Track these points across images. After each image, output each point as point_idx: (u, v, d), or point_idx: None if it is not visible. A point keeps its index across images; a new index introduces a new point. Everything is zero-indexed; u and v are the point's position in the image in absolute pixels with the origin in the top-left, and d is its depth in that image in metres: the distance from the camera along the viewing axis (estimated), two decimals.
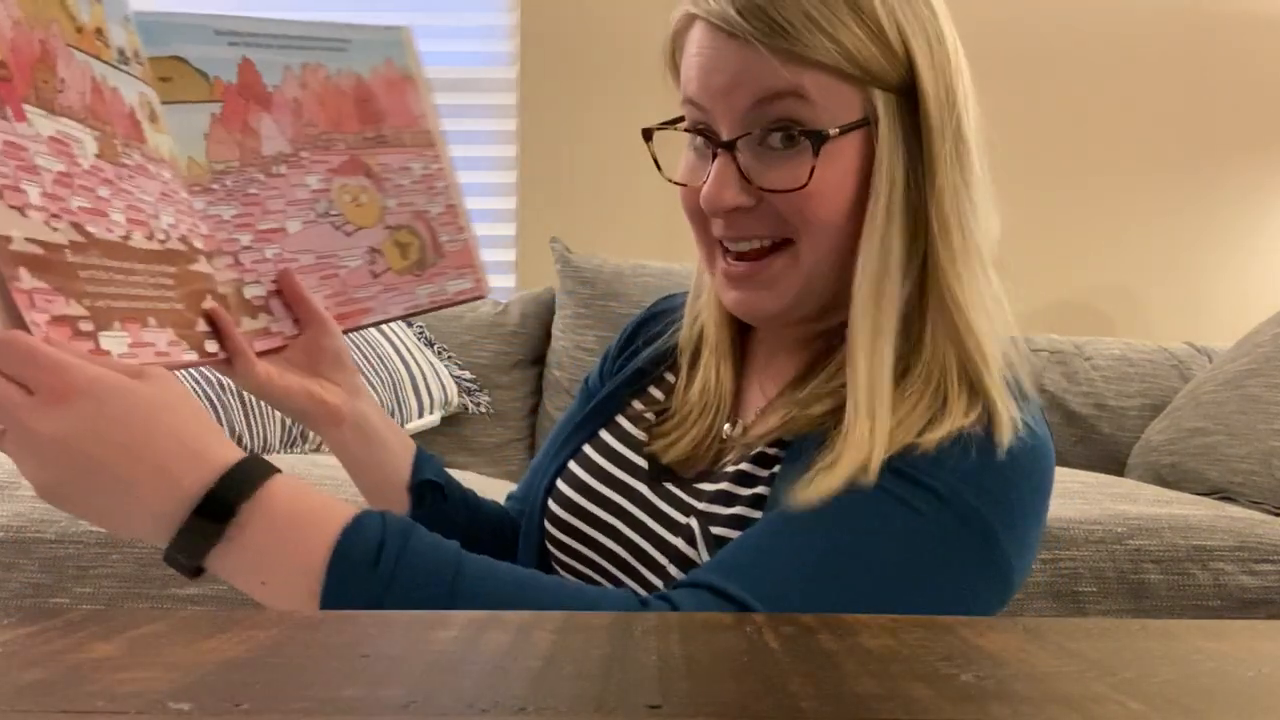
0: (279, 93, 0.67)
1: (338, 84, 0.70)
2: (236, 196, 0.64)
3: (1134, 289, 2.34)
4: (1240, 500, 1.38)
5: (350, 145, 0.70)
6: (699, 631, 0.36)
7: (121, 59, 0.57)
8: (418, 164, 0.73)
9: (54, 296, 0.47)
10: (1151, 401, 1.86)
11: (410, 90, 0.74)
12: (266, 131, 0.66)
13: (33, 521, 1.02)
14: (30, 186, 0.47)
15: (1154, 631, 0.37)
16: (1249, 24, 2.29)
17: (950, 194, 0.58)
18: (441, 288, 0.73)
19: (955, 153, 0.59)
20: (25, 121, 0.48)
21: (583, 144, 2.24)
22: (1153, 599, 1.07)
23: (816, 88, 0.56)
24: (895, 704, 0.28)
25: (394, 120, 0.73)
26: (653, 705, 0.27)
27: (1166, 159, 2.32)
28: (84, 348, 0.48)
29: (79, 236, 0.50)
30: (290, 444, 1.56)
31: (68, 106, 0.51)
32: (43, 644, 0.33)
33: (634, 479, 0.69)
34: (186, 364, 0.57)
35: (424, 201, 0.73)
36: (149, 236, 0.55)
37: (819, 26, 0.55)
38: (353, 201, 0.69)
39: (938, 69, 0.58)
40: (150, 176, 0.57)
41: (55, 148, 0.50)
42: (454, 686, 0.29)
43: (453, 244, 0.74)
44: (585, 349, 1.86)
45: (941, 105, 0.58)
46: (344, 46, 0.71)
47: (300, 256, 0.67)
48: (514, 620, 0.37)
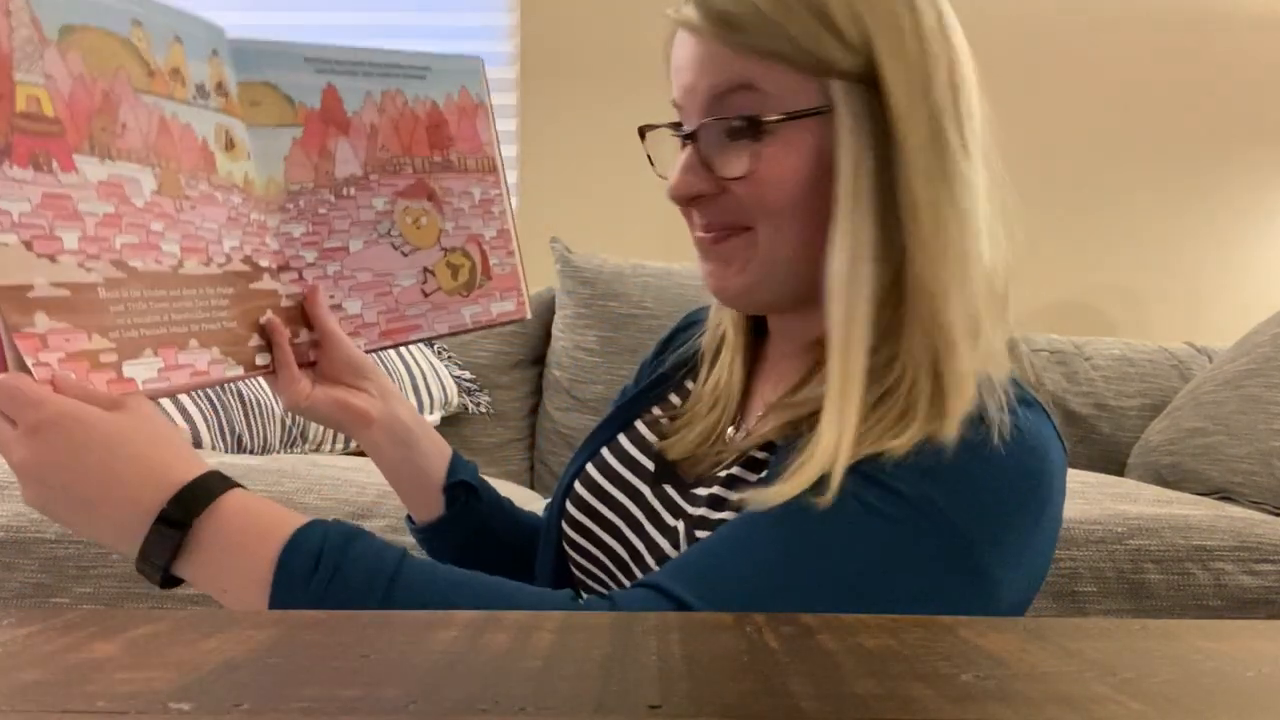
0: (357, 118, 0.72)
1: (413, 110, 0.74)
2: (307, 216, 0.69)
3: (1134, 289, 2.34)
4: (1240, 500, 1.38)
5: (418, 169, 0.75)
6: (699, 631, 0.36)
7: (200, 93, 0.62)
8: (478, 189, 0.78)
9: (74, 334, 0.52)
10: (1151, 401, 1.86)
11: (481, 118, 0.79)
12: (341, 155, 0.71)
13: (33, 521, 1.02)
14: (68, 233, 0.52)
15: (1154, 631, 0.37)
16: (1249, 24, 2.29)
17: (923, 181, 0.57)
18: (486, 308, 0.78)
19: (930, 141, 0.58)
20: (74, 171, 0.53)
21: (583, 144, 2.24)
22: (1153, 599, 1.07)
23: (768, 78, 0.58)
24: (895, 704, 0.28)
25: (461, 146, 0.77)
26: (653, 705, 0.27)
27: (1167, 159, 2.32)
28: (102, 379, 0.53)
29: (118, 273, 0.55)
30: (290, 444, 1.56)
31: (128, 149, 0.56)
32: (43, 644, 0.33)
33: (638, 480, 0.70)
34: (229, 379, 0.62)
35: (480, 225, 0.78)
36: (206, 262, 0.60)
37: (769, 19, 0.57)
38: (414, 223, 0.74)
39: (906, 58, 0.58)
40: (217, 204, 0.62)
41: (106, 191, 0.54)
42: (454, 686, 0.29)
43: (501, 267, 0.79)
44: (585, 349, 1.86)
45: (911, 93, 0.57)
46: (423, 74, 0.75)
47: (358, 274, 0.72)
48: (514, 620, 0.37)
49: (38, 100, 0.51)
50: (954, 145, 0.58)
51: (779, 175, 0.59)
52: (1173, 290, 2.33)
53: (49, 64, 0.52)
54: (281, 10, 2.37)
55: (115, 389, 0.54)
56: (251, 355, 0.64)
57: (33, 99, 0.51)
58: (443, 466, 0.75)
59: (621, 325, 1.86)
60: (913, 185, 0.57)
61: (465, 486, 0.75)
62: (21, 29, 0.50)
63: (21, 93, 0.50)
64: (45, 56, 0.51)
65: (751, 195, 0.60)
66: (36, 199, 0.51)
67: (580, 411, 1.86)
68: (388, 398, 0.72)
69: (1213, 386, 1.61)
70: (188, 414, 1.39)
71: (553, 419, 1.89)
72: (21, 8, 0.51)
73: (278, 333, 0.65)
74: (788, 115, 0.58)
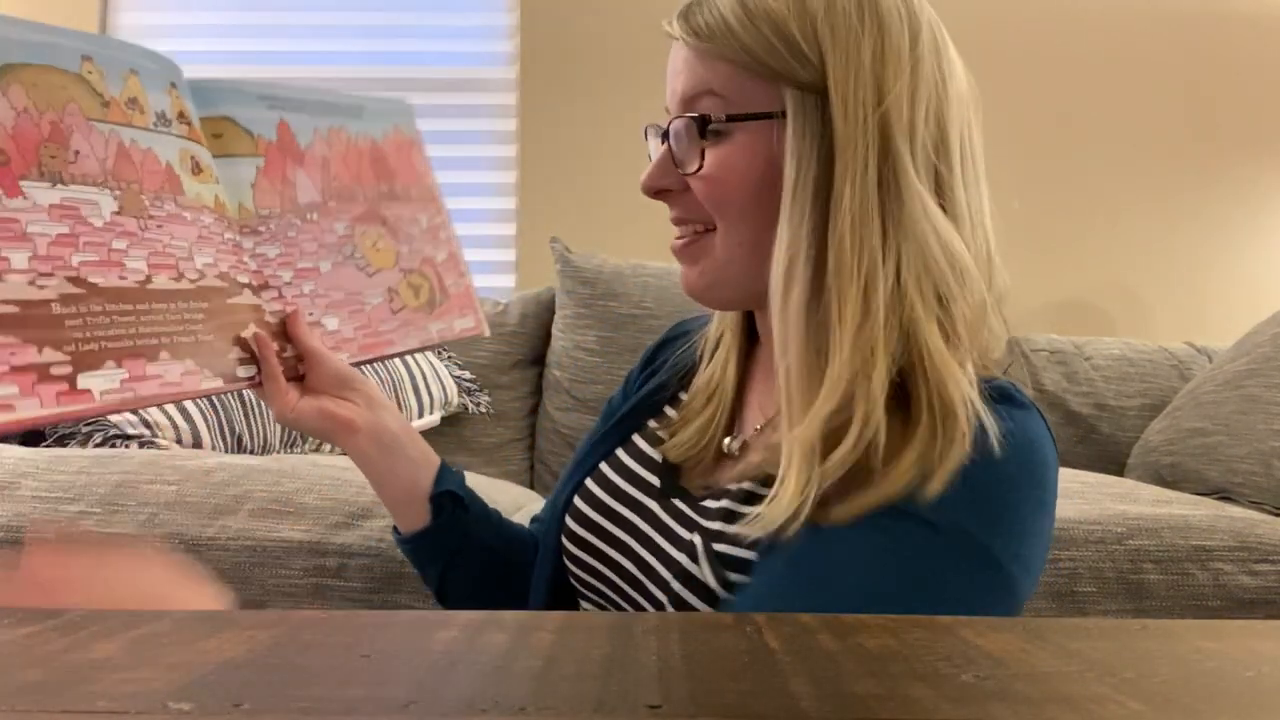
0: (310, 151, 0.76)
1: (357, 144, 0.80)
2: (279, 238, 0.72)
3: (1134, 289, 2.34)
4: (1240, 500, 1.38)
5: (368, 198, 0.79)
6: (699, 631, 0.36)
7: (161, 121, 0.64)
8: (424, 216, 0.83)
9: (21, 349, 0.53)
10: (1151, 401, 1.86)
11: (415, 153, 0.85)
12: (301, 184, 0.75)
13: (33, 522, 1.02)
14: (16, 253, 0.54)
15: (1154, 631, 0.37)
16: (1249, 24, 2.29)
17: (852, 200, 0.58)
18: (449, 324, 0.83)
19: (869, 159, 0.58)
20: (20, 196, 0.55)
21: (583, 144, 2.24)
22: (1152, 599, 1.07)
23: (730, 85, 0.62)
24: (895, 704, 0.28)
25: (403, 178, 0.83)
26: (653, 705, 0.27)
27: (1167, 159, 2.32)
28: (52, 390, 0.54)
29: (75, 289, 0.56)
30: (290, 444, 1.56)
31: (82, 174, 0.58)
32: (43, 644, 0.33)
33: (646, 496, 0.70)
34: (207, 391, 0.63)
35: (431, 249, 0.83)
36: (177, 278, 0.62)
37: (733, 31, 0.61)
38: (372, 246, 0.79)
39: (857, 72, 0.59)
40: (186, 224, 0.64)
41: (59, 213, 0.57)
42: (454, 686, 0.29)
43: (455, 287, 0.84)
44: (585, 349, 1.86)
45: (857, 107, 0.58)
46: (359, 113, 0.81)
47: (332, 293, 0.75)
48: (514, 620, 0.37)
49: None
50: (905, 165, 0.59)
51: (728, 174, 0.62)
52: (1173, 290, 2.33)
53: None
54: (283, 10, 2.37)
55: (66, 400, 0.55)
56: (232, 368, 0.65)
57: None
58: (429, 476, 0.75)
59: (621, 325, 1.86)
60: (840, 203, 0.58)
61: (451, 496, 0.75)
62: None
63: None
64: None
65: (705, 192, 0.63)
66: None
67: (580, 411, 1.86)
68: (374, 407, 0.73)
69: (1213, 386, 1.61)
70: (188, 414, 1.40)
71: (553, 419, 1.89)
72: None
73: (264, 347, 0.67)
74: (738, 116, 0.62)
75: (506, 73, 2.32)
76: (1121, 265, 2.33)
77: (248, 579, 1.01)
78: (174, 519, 1.03)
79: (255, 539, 1.02)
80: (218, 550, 1.02)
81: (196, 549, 1.02)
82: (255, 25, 2.37)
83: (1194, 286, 2.33)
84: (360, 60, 2.35)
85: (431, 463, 0.76)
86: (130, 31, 2.36)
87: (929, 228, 0.58)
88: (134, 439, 1.31)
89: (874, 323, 0.57)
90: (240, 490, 1.06)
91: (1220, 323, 2.20)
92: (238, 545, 1.02)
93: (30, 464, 1.09)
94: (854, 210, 0.58)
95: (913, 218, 0.58)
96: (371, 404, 0.73)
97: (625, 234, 2.14)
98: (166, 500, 1.05)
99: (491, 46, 2.33)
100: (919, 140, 0.60)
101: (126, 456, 1.13)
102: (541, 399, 1.94)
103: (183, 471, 1.09)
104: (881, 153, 0.59)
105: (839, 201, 0.58)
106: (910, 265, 0.58)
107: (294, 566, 1.02)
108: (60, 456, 1.12)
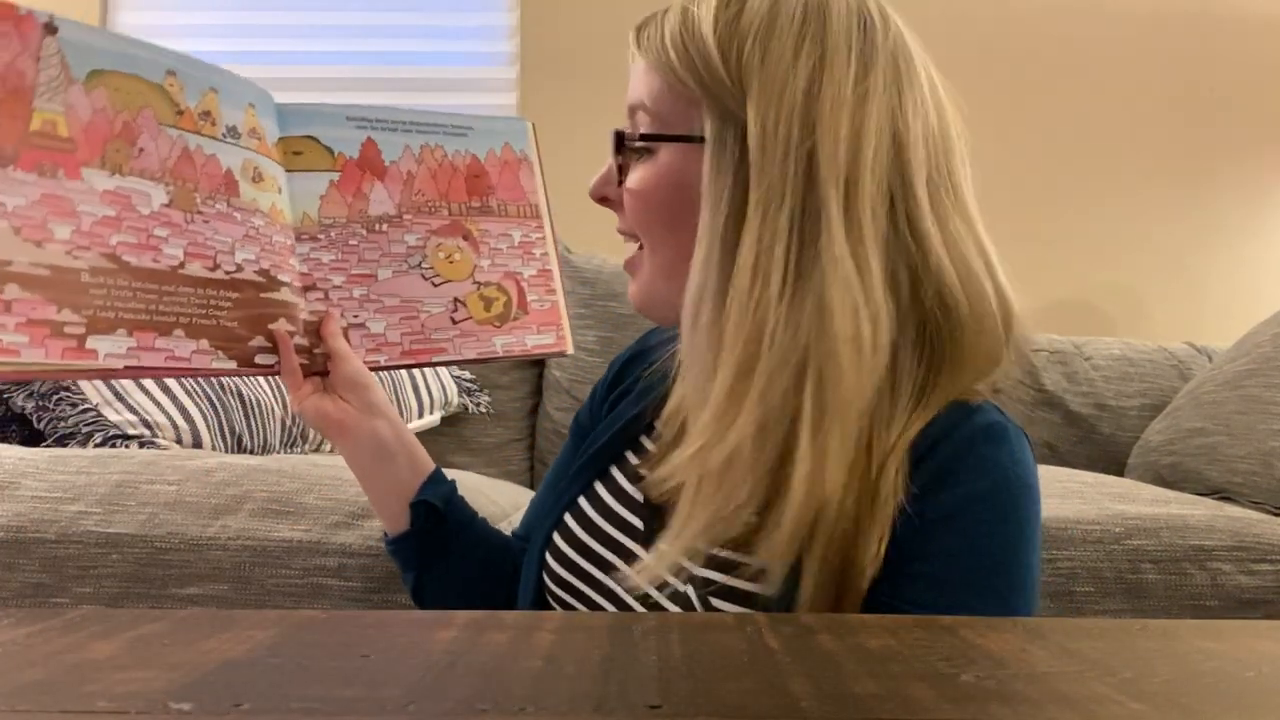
0: (395, 166, 0.80)
1: (452, 162, 0.82)
2: (337, 245, 0.77)
3: (1134, 289, 2.34)
4: (1240, 500, 1.38)
5: (454, 212, 0.82)
6: (699, 631, 0.36)
7: (231, 134, 0.70)
8: (518, 231, 0.85)
9: (42, 305, 0.58)
10: (1151, 401, 1.86)
11: (524, 171, 0.87)
12: (376, 196, 0.79)
13: (33, 521, 1.02)
14: (60, 226, 0.59)
15: (1154, 631, 0.37)
16: (1248, 25, 2.29)
17: (761, 233, 0.56)
18: (520, 339, 0.83)
19: (786, 194, 0.56)
20: (79, 180, 0.61)
21: (583, 144, 2.23)
22: (1150, 599, 1.07)
23: (661, 101, 0.62)
24: (895, 704, 0.28)
25: (502, 194, 0.85)
26: (653, 705, 0.27)
27: (1167, 159, 2.32)
28: (59, 346, 0.59)
29: (108, 264, 0.61)
30: (290, 444, 1.56)
31: (142, 168, 0.64)
32: (43, 644, 0.33)
33: (628, 538, 0.68)
34: (217, 371, 0.67)
35: (518, 264, 0.84)
36: (212, 268, 0.67)
37: (665, 46, 0.61)
38: (446, 258, 0.81)
39: (781, 103, 0.56)
40: (235, 223, 0.69)
41: (110, 198, 0.62)
42: (454, 686, 0.29)
43: (540, 303, 0.84)
44: (585, 349, 1.86)
45: (777, 142, 0.56)
46: (465, 132, 0.83)
47: (385, 299, 0.78)
48: (514, 620, 0.37)
49: (54, 124, 0.60)
50: (829, 204, 0.56)
51: (647, 191, 0.63)
52: (1173, 290, 2.33)
53: (71, 97, 0.61)
54: (282, 10, 2.37)
55: (70, 356, 0.59)
56: (251, 354, 0.69)
57: (49, 122, 0.60)
58: (416, 484, 0.76)
59: (621, 325, 1.86)
60: (752, 229, 0.56)
61: (428, 507, 0.75)
62: (49, 69, 0.60)
63: (38, 117, 0.59)
64: (69, 91, 0.61)
65: (629, 206, 0.65)
66: (35, 196, 0.58)
67: None
68: (372, 413, 0.74)
69: (1213, 386, 1.61)
70: (188, 414, 1.40)
71: (553, 419, 1.89)
72: (53, 54, 0.60)
73: (283, 341, 0.69)
74: (654, 136, 0.62)
75: (506, 73, 2.32)
76: (1121, 265, 2.33)
77: (248, 579, 1.01)
78: (174, 519, 1.03)
79: (255, 539, 1.02)
80: (218, 550, 1.02)
81: (196, 549, 1.02)
82: (255, 25, 2.37)
83: (1194, 286, 2.33)
84: (360, 60, 2.35)
85: (421, 472, 0.77)
86: (129, 31, 2.36)
87: (848, 269, 0.55)
88: (134, 439, 1.31)
89: (759, 367, 0.55)
90: (240, 490, 1.06)
91: (1220, 323, 2.20)
92: (238, 545, 1.02)
93: (30, 464, 1.09)
94: (760, 246, 0.56)
95: (829, 259, 0.55)
96: (370, 410, 0.74)
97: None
98: (166, 500, 1.05)
99: (491, 46, 2.33)
100: (862, 179, 0.56)
101: (126, 456, 1.13)
102: (541, 399, 1.94)
103: (183, 471, 1.09)
104: (804, 188, 0.56)
105: (746, 235, 0.56)
106: (818, 306, 0.55)
107: (294, 566, 1.01)
108: (60, 456, 1.12)
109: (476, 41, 2.33)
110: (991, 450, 0.58)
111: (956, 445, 0.57)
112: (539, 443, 1.92)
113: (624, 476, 0.72)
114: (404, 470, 0.76)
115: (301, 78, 2.32)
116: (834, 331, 0.55)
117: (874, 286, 0.56)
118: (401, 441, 0.76)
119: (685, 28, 0.60)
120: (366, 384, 0.74)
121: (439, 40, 2.32)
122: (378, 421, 0.74)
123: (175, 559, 1.01)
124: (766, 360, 0.55)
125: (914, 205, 0.58)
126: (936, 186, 0.59)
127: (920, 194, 0.58)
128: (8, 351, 0.57)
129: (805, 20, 0.58)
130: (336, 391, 0.74)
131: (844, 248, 0.55)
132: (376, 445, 0.75)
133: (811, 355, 0.55)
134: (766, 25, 0.58)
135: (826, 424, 0.55)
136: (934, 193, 0.59)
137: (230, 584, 1.01)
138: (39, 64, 0.60)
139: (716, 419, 0.56)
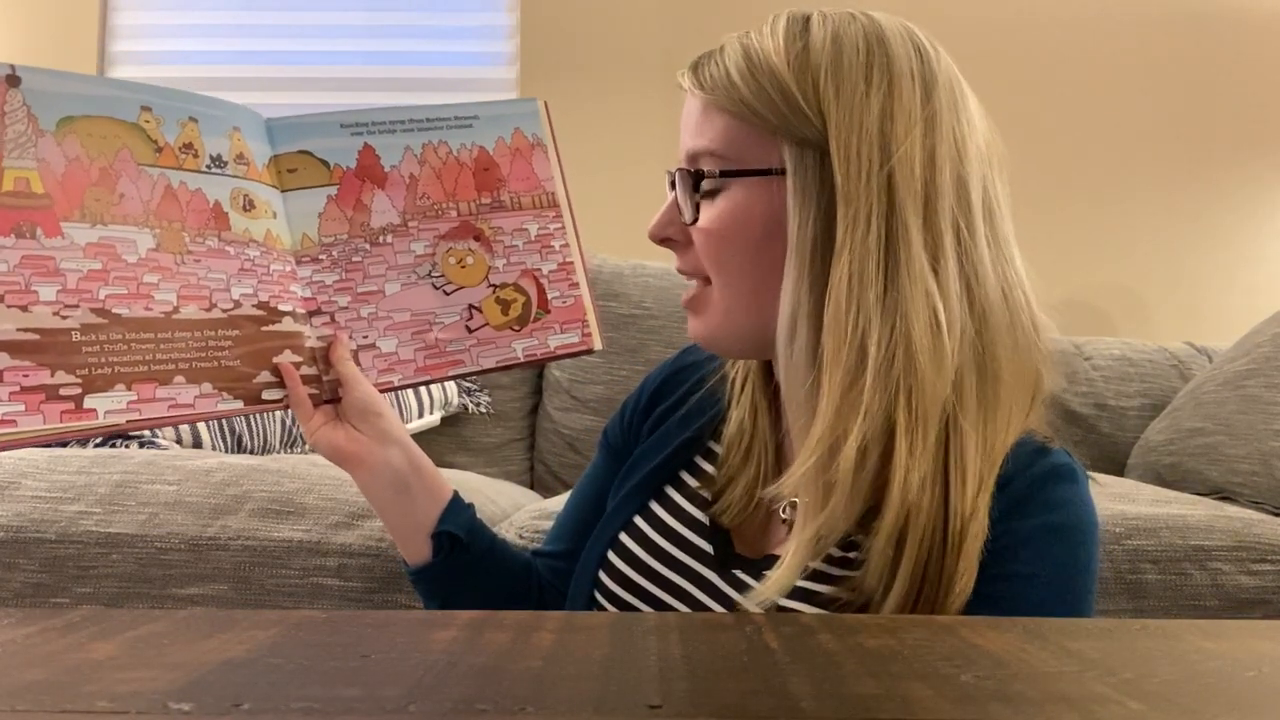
0: (395, 171, 0.76)
1: (458, 158, 0.78)
2: (340, 264, 0.74)
3: (1134, 289, 2.34)
4: (1240, 500, 1.38)
5: (463, 212, 0.77)
6: (699, 631, 0.36)
7: (216, 163, 0.68)
8: (535, 224, 0.79)
9: (35, 371, 0.57)
10: (1151, 401, 1.86)
11: (538, 156, 0.81)
12: (378, 206, 0.75)
13: (33, 521, 1.02)
14: (45, 287, 0.58)
15: (1154, 631, 0.37)
16: (1248, 25, 2.29)
17: (851, 257, 0.58)
18: (542, 341, 0.78)
19: (873, 218, 0.58)
20: (60, 236, 0.59)
21: (582, 144, 2.24)
22: (1150, 599, 1.07)
23: (726, 137, 0.62)
24: (895, 704, 0.28)
25: (515, 185, 0.79)
26: (653, 705, 0.27)
27: (1167, 159, 2.32)
28: (57, 410, 0.58)
29: (98, 319, 0.60)
30: (290, 444, 1.56)
31: (124, 214, 0.62)
32: (43, 644, 0.33)
33: (698, 562, 0.68)
34: (223, 414, 0.66)
35: (536, 260, 0.79)
36: (208, 308, 0.66)
37: (733, 82, 0.61)
38: (458, 264, 0.77)
39: (861, 129, 0.58)
40: (228, 257, 0.68)
41: (94, 250, 0.61)
42: (454, 686, 0.29)
43: (562, 300, 0.79)
44: None
45: (859, 167, 0.58)
46: (470, 123, 0.78)
47: (395, 315, 0.75)
48: (514, 620, 0.37)
49: (27, 180, 0.58)
50: (910, 225, 0.59)
51: (724, 228, 0.63)
52: (1173, 290, 2.33)
53: (43, 150, 0.59)
54: (283, 10, 2.37)
55: (69, 418, 0.58)
56: (257, 391, 0.67)
57: (21, 180, 0.58)
58: (435, 513, 0.75)
59: (621, 325, 1.86)
60: (844, 253, 0.58)
61: (450, 537, 0.75)
62: (16, 124, 0.58)
63: (10, 175, 0.58)
64: (39, 144, 0.59)
65: (704, 246, 0.64)
66: (15, 260, 0.57)
67: (580, 411, 1.86)
68: (385, 443, 0.72)
69: (1213, 386, 1.61)
70: None
71: (553, 419, 1.89)
72: (18, 107, 0.58)
73: (289, 375, 0.68)
74: (732, 172, 0.62)
75: (506, 73, 2.32)
76: (1121, 265, 2.33)
77: (248, 579, 1.01)
78: (174, 519, 1.03)
79: (255, 539, 1.02)
80: (218, 550, 1.02)
81: (196, 549, 1.02)
82: (255, 25, 2.37)
83: (1194, 286, 2.33)
84: (360, 60, 2.34)
85: (439, 499, 0.75)
86: (130, 31, 2.36)
87: (930, 284, 0.59)
88: (134, 439, 1.31)
89: (863, 383, 0.57)
90: (240, 490, 1.06)
91: (1220, 323, 2.20)
92: (238, 545, 1.02)
93: (30, 464, 1.09)
94: (852, 268, 0.58)
95: (913, 274, 0.58)
96: (383, 438, 0.72)
97: (625, 234, 2.13)
98: (166, 500, 1.05)
99: (491, 46, 2.33)
100: (935, 198, 0.59)
101: (126, 456, 1.13)
102: (541, 399, 1.93)
103: (183, 471, 1.09)
104: (887, 211, 0.58)
105: (839, 258, 0.58)
106: (905, 318, 0.58)
107: (294, 566, 1.01)
108: (60, 456, 1.12)
109: (476, 41, 2.33)
110: (1066, 488, 0.62)
111: (1032, 480, 0.61)
112: (539, 443, 1.92)
113: (683, 498, 0.72)
114: (421, 499, 0.75)
115: (300, 78, 2.32)
116: (918, 342, 0.58)
117: (950, 297, 0.60)
118: (416, 469, 0.74)
119: (753, 63, 0.61)
120: (379, 411, 0.73)
121: (439, 40, 2.32)
122: (391, 450, 0.73)
123: (175, 559, 1.01)
124: (870, 374, 0.58)
125: (973, 221, 0.61)
126: (988, 203, 0.63)
127: (978, 211, 0.61)
128: (4, 422, 0.55)
129: (870, 50, 0.60)
130: (349, 420, 0.72)
131: (923, 264, 0.59)
132: (392, 476, 0.73)
133: (903, 367, 0.58)
134: (834, 57, 0.60)
135: (920, 431, 0.58)
136: (987, 209, 0.62)
137: (230, 584, 1.01)
138: (4, 120, 0.58)
139: (829, 431, 0.58)
